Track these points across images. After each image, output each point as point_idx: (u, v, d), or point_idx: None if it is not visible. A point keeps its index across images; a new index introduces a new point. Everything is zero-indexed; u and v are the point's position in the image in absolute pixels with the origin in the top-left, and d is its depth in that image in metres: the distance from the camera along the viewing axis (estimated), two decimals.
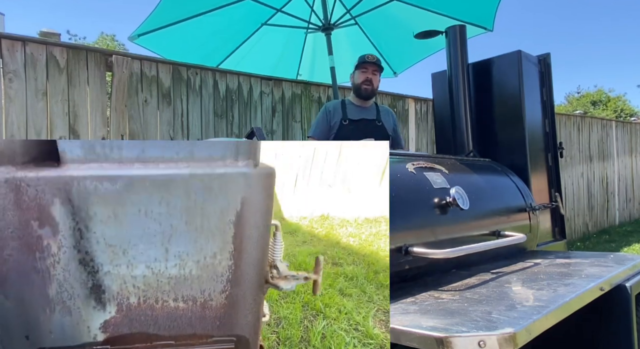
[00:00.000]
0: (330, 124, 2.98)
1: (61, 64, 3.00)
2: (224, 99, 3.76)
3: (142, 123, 3.31)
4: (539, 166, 2.74)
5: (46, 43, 2.96)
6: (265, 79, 4.03)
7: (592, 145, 7.89)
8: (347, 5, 3.93)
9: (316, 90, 4.39)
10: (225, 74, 3.81)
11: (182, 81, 3.54)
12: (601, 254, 2.02)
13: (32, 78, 2.89)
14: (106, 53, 3.29)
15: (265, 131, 3.97)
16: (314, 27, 3.96)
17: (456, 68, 2.71)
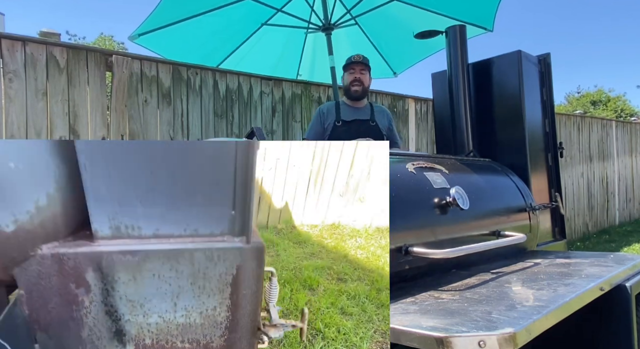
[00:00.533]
0: (324, 126, 2.99)
1: (61, 64, 3.00)
2: (224, 99, 3.76)
3: (142, 123, 3.31)
4: (539, 166, 2.74)
5: (46, 43, 2.96)
6: (265, 79, 4.03)
7: (592, 145, 7.89)
8: (347, 5, 3.93)
9: (316, 90, 4.39)
10: (225, 74, 3.81)
11: (182, 81, 3.54)
12: (601, 254, 2.02)
13: (32, 78, 2.89)
14: (106, 53, 3.29)
15: (265, 131, 3.97)
16: (314, 27, 3.96)
17: (456, 68, 2.71)
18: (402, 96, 5.18)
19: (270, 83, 4.05)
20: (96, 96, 3.14)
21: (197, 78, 3.62)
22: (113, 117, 3.20)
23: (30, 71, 2.88)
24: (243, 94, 3.88)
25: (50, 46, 2.96)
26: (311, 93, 4.35)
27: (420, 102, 5.38)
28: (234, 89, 3.82)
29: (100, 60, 3.18)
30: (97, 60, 3.17)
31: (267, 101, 4.02)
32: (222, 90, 3.75)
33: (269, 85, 4.04)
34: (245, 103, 3.89)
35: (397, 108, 5.11)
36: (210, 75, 3.71)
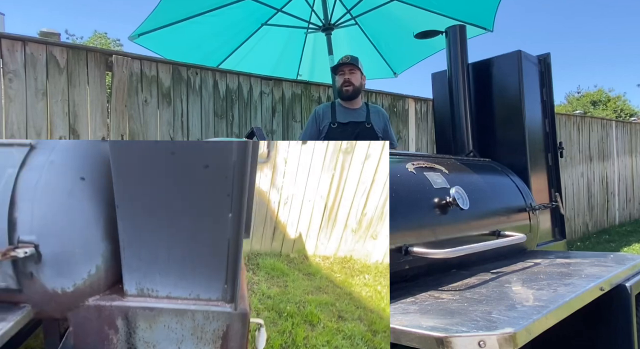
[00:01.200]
0: (320, 128, 2.99)
1: (61, 64, 3.00)
2: (224, 99, 3.76)
3: (142, 123, 3.31)
4: (539, 166, 2.74)
5: (46, 43, 2.96)
6: (265, 79, 4.03)
7: (592, 145, 7.89)
8: (347, 5, 3.93)
9: (316, 90, 4.39)
10: (225, 74, 3.81)
11: (182, 81, 3.54)
12: (601, 254, 2.02)
13: (32, 78, 2.89)
14: (106, 53, 3.29)
15: (265, 131, 3.97)
16: (314, 27, 3.96)
17: (456, 68, 2.71)
18: (402, 95, 5.18)
19: (270, 83, 4.05)
20: (96, 96, 3.14)
21: (197, 78, 3.62)
22: (113, 117, 3.20)
23: (30, 71, 2.88)
24: (243, 94, 3.88)
25: (50, 46, 2.96)
26: (311, 93, 4.35)
27: (420, 102, 5.38)
28: (234, 89, 3.82)
29: (100, 60, 3.18)
30: (97, 60, 3.17)
31: (267, 101, 4.02)
32: (222, 90, 3.75)
33: (269, 85, 4.04)
34: (245, 103, 3.89)
35: (397, 108, 5.11)
36: (210, 75, 3.71)
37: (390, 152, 2.05)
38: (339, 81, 2.98)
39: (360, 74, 3.00)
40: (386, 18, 4.14)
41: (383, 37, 4.51)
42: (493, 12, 3.76)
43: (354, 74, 2.96)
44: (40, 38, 3.07)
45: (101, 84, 3.18)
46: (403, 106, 5.19)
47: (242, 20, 4.06)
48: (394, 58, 4.69)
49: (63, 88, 3.00)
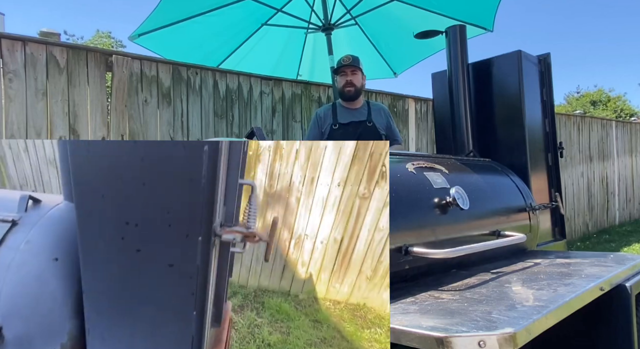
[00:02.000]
0: (322, 130, 2.99)
1: (61, 64, 3.00)
2: (224, 99, 3.76)
3: (142, 123, 3.31)
4: (539, 166, 2.74)
5: (46, 43, 2.96)
6: (265, 79, 4.03)
7: (592, 145, 7.89)
8: (347, 5, 3.93)
9: (316, 90, 4.39)
10: (225, 74, 3.81)
11: (182, 81, 3.54)
12: (601, 254, 2.02)
13: (32, 78, 2.89)
14: (106, 53, 3.29)
15: (265, 131, 3.97)
16: (314, 27, 3.96)
17: (456, 68, 2.71)
18: (402, 95, 5.18)
19: (270, 83, 4.05)
20: (96, 95, 3.14)
21: (197, 78, 3.62)
22: (113, 117, 3.20)
23: (30, 71, 2.88)
24: (243, 94, 3.88)
25: (50, 46, 2.96)
26: (311, 93, 4.35)
27: (420, 102, 5.38)
28: (234, 89, 3.82)
29: (100, 60, 3.18)
30: (97, 60, 3.17)
31: (267, 100, 4.02)
32: (222, 90, 3.75)
33: (269, 85, 4.04)
34: (245, 103, 3.89)
35: (397, 108, 5.11)
36: (210, 75, 3.71)
37: (390, 152, 2.05)
38: (341, 82, 2.98)
39: (361, 75, 3.00)
40: (386, 18, 4.14)
41: (383, 37, 4.51)
42: (493, 12, 3.76)
43: (356, 75, 2.97)
44: (40, 38, 3.07)
45: (101, 84, 3.18)
46: (403, 106, 5.20)
47: (242, 21, 4.06)
48: (394, 58, 4.69)
49: (63, 88, 3.00)
